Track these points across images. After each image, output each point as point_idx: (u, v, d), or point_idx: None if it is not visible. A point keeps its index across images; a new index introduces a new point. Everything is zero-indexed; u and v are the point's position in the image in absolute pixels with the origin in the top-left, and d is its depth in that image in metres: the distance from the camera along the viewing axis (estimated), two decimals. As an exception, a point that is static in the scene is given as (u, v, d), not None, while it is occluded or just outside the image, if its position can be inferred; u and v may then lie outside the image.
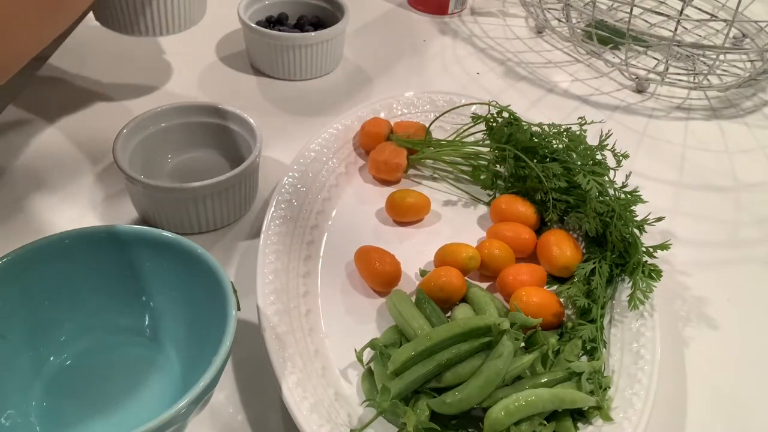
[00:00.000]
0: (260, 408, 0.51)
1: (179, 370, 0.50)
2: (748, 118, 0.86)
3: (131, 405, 0.49)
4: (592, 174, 0.60)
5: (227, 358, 0.43)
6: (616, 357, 0.53)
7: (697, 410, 0.53)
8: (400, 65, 0.89)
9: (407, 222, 0.66)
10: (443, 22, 1.00)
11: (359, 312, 0.57)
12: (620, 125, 0.82)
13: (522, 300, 0.55)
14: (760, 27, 0.96)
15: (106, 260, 0.51)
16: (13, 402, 0.46)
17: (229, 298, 0.46)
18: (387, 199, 0.65)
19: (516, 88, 0.87)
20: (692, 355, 0.57)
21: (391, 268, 0.58)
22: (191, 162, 0.68)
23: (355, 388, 0.51)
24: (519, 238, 0.62)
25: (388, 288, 0.58)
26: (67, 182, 0.67)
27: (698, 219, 0.71)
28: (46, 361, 0.50)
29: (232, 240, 0.63)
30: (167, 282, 0.51)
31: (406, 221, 0.66)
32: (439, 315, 0.54)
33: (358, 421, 0.49)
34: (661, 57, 0.94)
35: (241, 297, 0.47)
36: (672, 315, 0.60)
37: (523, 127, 0.66)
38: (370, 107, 0.74)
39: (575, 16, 0.99)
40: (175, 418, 0.40)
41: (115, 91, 0.80)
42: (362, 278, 0.59)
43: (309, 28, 0.84)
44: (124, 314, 0.52)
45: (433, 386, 0.49)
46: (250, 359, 0.53)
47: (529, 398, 0.47)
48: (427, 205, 0.66)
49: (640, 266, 0.56)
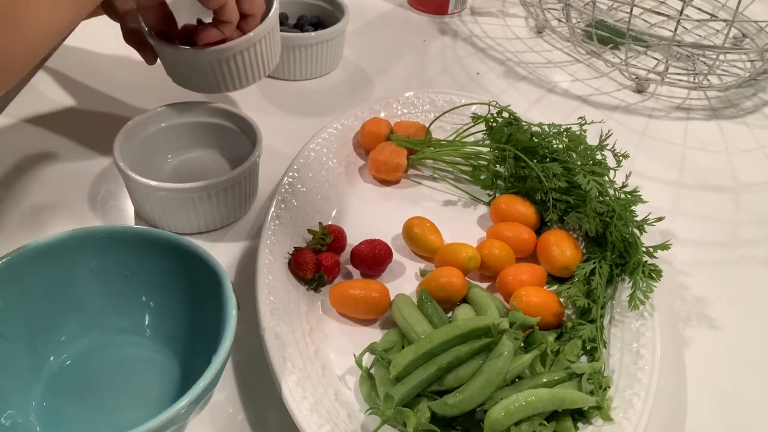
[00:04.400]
0: (260, 408, 0.51)
1: (179, 370, 0.50)
2: (748, 118, 0.86)
3: (131, 405, 0.49)
4: (592, 174, 0.60)
5: (227, 358, 0.43)
6: (616, 357, 0.53)
7: (697, 410, 0.53)
8: (400, 65, 0.89)
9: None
10: (443, 22, 1.00)
11: (359, 312, 0.57)
12: (620, 125, 0.82)
13: (522, 300, 0.55)
14: (760, 27, 0.96)
15: (106, 260, 0.51)
16: (13, 402, 0.46)
17: (229, 298, 0.46)
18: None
19: (516, 88, 0.87)
20: (692, 355, 0.57)
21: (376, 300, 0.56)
22: (191, 162, 0.68)
23: (355, 389, 0.51)
24: (519, 238, 0.62)
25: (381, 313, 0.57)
26: (67, 182, 0.67)
27: (698, 219, 0.71)
28: (46, 361, 0.50)
29: (232, 240, 0.63)
30: (167, 282, 0.51)
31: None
32: (441, 315, 0.54)
33: (360, 423, 0.49)
34: (661, 57, 0.94)
35: (241, 297, 0.47)
36: (672, 315, 0.60)
37: (523, 127, 0.66)
38: (370, 107, 0.74)
39: (575, 16, 0.99)
40: (175, 418, 0.40)
41: (115, 91, 0.80)
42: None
43: (309, 28, 0.84)
44: (124, 314, 0.52)
45: (434, 389, 0.49)
46: (250, 359, 0.53)
47: (529, 398, 0.47)
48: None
49: (640, 266, 0.56)
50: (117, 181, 0.67)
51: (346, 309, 0.56)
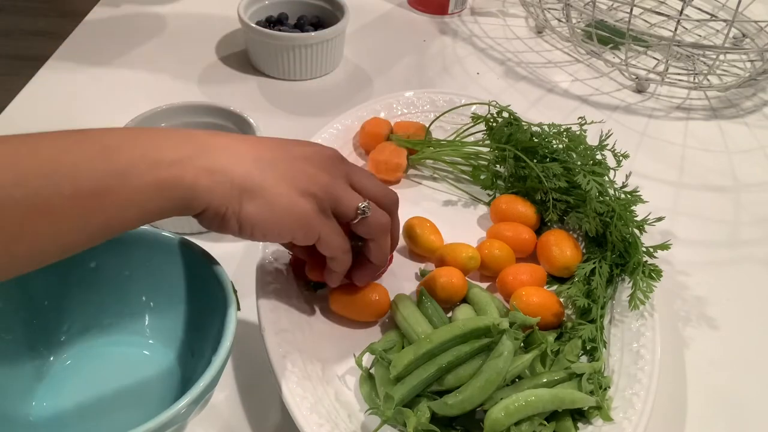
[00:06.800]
0: (260, 408, 0.51)
1: (179, 370, 0.50)
2: (748, 118, 0.86)
3: (131, 405, 0.49)
4: (592, 174, 0.60)
5: (227, 358, 0.43)
6: (616, 357, 0.53)
7: (697, 410, 0.53)
8: (400, 65, 0.89)
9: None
10: (443, 22, 1.00)
11: (359, 312, 0.57)
12: (620, 125, 0.82)
13: (522, 300, 0.55)
14: (760, 27, 0.96)
15: (106, 260, 0.51)
16: (13, 402, 0.46)
17: (229, 298, 0.46)
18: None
19: (516, 88, 0.87)
20: (692, 355, 0.57)
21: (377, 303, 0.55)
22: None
23: (355, 389, 0.51)
24: (519, 238, 0.62)
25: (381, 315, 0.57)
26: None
27: (698, 219, 0.71)
28: (46, 361, 0.50)
29: (232, 240, 0.63)
30: (167, 282, 0.51)
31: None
32: (441, 315, 0.54)
33: (360, 423, 0.49)
34: (661, 57, 0.93)
35: (241, 297, 0.47)
36: (672, 315, 0.60)
37: (523, 127, 0.66)
38: (370, 107, 0.74)
39: (575, 16, 0.99)
40: (175, 418, 0.40)
41: (115, 90, 0.80)
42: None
43: (309, 28, 0.84)
44: (124, 314, 0.52)
45: (435, 389, 0.49)
46: (250, 359, 0.53)
47: (529, 398, 0.47)
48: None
49: (640, 266, 0.56)
50: (117, 181, 0.67)
51: (346, 312, 0.56)
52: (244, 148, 0.44)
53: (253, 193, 0.43)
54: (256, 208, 0.43)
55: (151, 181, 0.39)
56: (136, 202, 0.39)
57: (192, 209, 0.42)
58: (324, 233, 0.46)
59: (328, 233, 0.47)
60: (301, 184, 0.45)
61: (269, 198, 0.43)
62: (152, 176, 0.39)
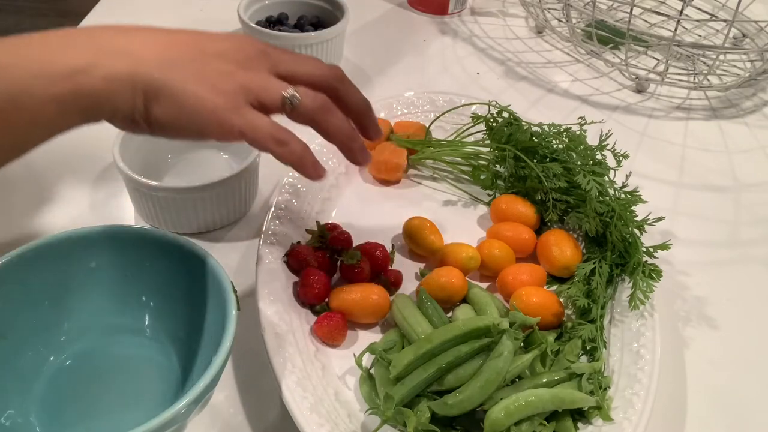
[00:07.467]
0: (260, 408, 0.51)
1: (179, 370, 0.50)
2: (748, 118, 0.86)
3: (131, 405, 0.49)
4: (592, 174, 0.60)
5: (227, 358, 0.43)
6: (616, 357, 0.53)
7: (697, 410, 0.53)
8: (400, 65, 0.89)
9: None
10: (443, 22, 1.00)
11: (359, 312, 0.57)
12: (620, 125, 0.82)
13: (522, 300, 0.55)
14: (760, 27, 0.96)
15: (106, 260, 0.51)
16: (13, 402, 0.46)
17: (229, 298, 0.46)
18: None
19: (516, 88, 0.87)
20: (692, 355, 0.57)
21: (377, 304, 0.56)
22: (191, 162, 0.68)
23: (355, 389, 0.51)
24: (519, 238, 0.62)
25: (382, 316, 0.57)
26: (67, 182, 0.67)
27: (698, 219, 0.71)
28: (46, 361, 0.50)
29: (232, 240, 0.63)
30: (167, 282, 0.51)
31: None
32: (441, 315, 0.54)
33: (360, 423, 0.49)
34: (661, 57, 0.94)
35: (241, 297, 0.47)
36: (672, 315, 0.60)
37: (523, 127, 0.66)
38: (370, 107, 0.74)
39: (575, 16, 0.99)
40: (175, 418, 0.40)
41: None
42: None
43: (309, 28, 0.84)
44: (124, 314, 0.52)
45: (434, 390, 0.49)
46: (250, 359, 0.53)
47: (529, 398, 0.47)
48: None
49: (640, 266, 0.56)
50: (117, 181, 0.67)
51: (346, 313, 0.56)
52: (149, 48, 0.43)
53: (157, 96, 0.42)
54: (162, 109, 0.42)
55: (50, 98, 0.39)
56: (39, 123, 0.39)
57: (98, 118, 0.42)
58: (245, 128, 0.44)
59: (248, 127, 0.44)
60: (212, 81, 0.43)
61: (175, 99, 0.42)
62: (49, 94, 0.39)
